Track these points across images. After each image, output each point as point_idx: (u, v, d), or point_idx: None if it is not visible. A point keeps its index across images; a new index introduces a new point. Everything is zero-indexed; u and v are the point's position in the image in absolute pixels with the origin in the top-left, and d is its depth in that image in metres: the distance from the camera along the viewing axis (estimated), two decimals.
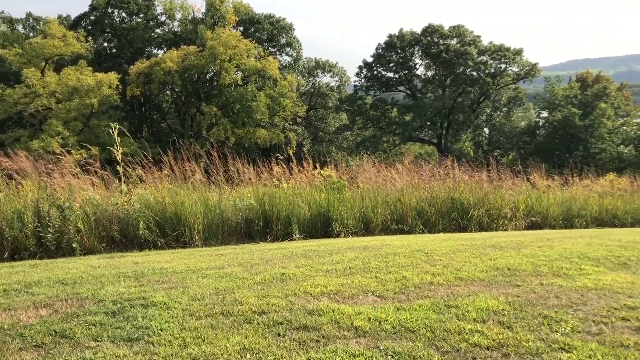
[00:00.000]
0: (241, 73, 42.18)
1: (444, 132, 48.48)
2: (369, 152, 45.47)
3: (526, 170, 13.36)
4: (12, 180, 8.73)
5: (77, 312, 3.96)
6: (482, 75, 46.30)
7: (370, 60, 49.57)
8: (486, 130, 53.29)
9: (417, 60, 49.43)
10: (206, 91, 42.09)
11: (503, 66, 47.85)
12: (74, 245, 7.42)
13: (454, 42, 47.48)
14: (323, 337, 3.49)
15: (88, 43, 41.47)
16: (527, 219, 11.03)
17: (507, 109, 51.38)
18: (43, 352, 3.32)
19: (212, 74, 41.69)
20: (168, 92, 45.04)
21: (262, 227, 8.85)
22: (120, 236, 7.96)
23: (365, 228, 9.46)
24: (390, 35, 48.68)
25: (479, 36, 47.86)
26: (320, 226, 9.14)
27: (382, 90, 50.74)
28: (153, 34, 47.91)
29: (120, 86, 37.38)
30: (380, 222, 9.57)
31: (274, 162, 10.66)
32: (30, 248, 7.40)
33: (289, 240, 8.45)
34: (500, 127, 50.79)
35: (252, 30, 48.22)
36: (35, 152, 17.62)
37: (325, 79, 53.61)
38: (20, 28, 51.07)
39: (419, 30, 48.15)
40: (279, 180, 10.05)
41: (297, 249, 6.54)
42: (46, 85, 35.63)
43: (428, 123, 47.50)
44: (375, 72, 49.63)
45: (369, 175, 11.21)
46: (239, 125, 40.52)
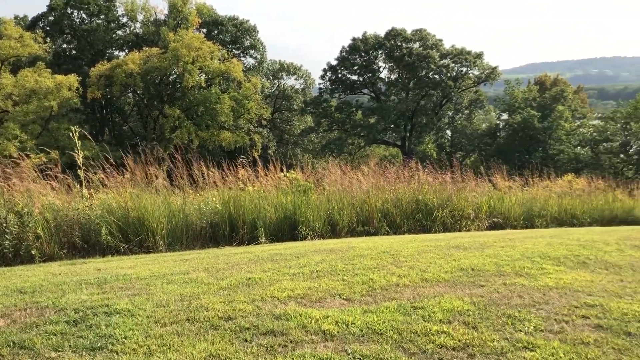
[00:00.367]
0: (205, 75, 41.81)
1: (408, 134, 49.02)
2: (335, 154, 45.67)
3: (488, 171, 13.61)
4: None
5: (37, 321, 3.84)
6: (444, 78, 47.03)
7: (334, 63, 49.82)
8: (448, 132, 54.15)
9: (381, 64, 49.93)
10: (169, 93, 41.55)
11: (464, 69, 48.76)
12: (33, 252, 7.20)
13: (416, 45, 48.10)
14: (291, 341, 3.48)
15: (46, 44, 40.39)
16: (490, 220, 11.24)
17: (468, 112, 52.36)
18: None
19: (175, 76, 41.19)
20: (130, 94, 44.30)
21: (227, 231, 8.77)
22: (81, 242, 7.77)
23: (332, 230, 9.48)
24: (354, 39, 49.02)
25: (440, 40, 48.63)
26: (287, 229, 9.11)
27: (347, 93, 51.03)
28: (114, 35, 47.03)
29: (80, 88, 36.56)
30: (346, 224, 9.61)
31: (239, 165, 10.58)
32: None
33: (255, 244, 8.40)
34: (462, 129, 51.68)
35: (216, 32, 47.85)
36: None
37: (290, 82, 53.68)
38: None
39: (382, 34, 48.68)
40: (244, 184, 9.98)
41: (263, 253, 6.50)
42: (2, 87, 34.57)
43: (392, 125, 47.98)
44: (340, 75, 49.87)
45: (335, 177, 11.25)
46: (203, 127, 40.13)
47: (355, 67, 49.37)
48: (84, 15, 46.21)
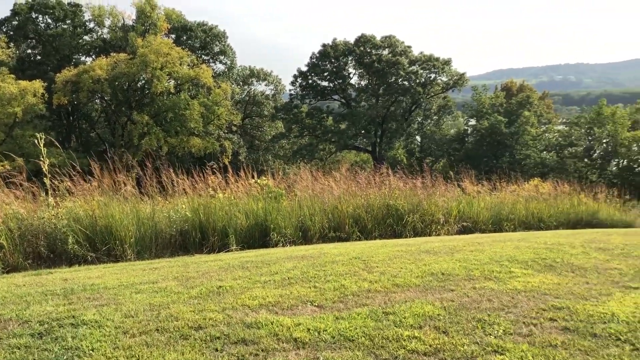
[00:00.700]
0: (174, 81, 41.44)
1: (378, 140, 49.37)
2: (306, 160, 45.69)
3: (457, 176, 13.77)
4: None
5: (0, 335, 3.73)
6: (413, 84, 47.55)
7: (305, 69, 49.92)
8: (418, 138, 54.77)
9: (351, 70, 50.19)
10: (137, 100, 41.01)
11: (433, 76, 49.39)
12: None
13: (385, 52, 48.54)
14: (262, 350, 3.45)
15: (10, 49, 39.49)
16: (459, 224, 11.37)
17: (437, 117, 53.04)
18: None
19: (143, 82, 40.69)
20: (97, 100, 43.57)
21: (197, 238, 8.68)
22: (47, 252, 7.59)
23: (304, 237, 9.46)
24: (324, 45, 49.20)
25: (409, 46, 49.19)
26: (258, 236, 9.06)
27: (318, 99, 51.14)
28: (81, 40, 46.22)
29: (46, 95, 35.81)
30: (318, 230, 9.60)
31: (209, 172, 10.48)
32: None
33: (226, 252, 8.33)
34: (431, 135, 52.34)
35: (185, 37, 47.48)
36: None
37: (261, 87, 53.55)
38: None
39: (352, 40, 49.00)
40: (214, 190, 9.89)
41: (234, 261, 6.45)
42: None
43: (362, 131, 48.25)
44: (310, 81, 49.96)
45: (307, 183, 11.24)
46: (172, 134, 39.70)
47: (326, 74, 49.54)
48: (49, 20, 45.35)
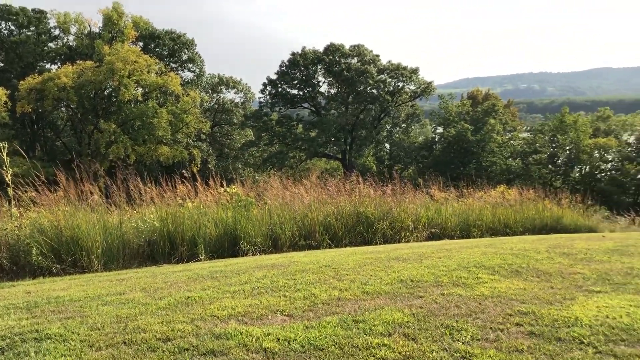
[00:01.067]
0: (141, 89, 40.94)
1: (348, 147, 49.65)
2: (276, 168, 45.62)
3: (425, 183, 13.92)
4: None
5: None
6: (381, 93, 48.05)
7: (274, 77, 49.94)
8: (387, 145, 55.28)
9: (320, 78, 50.50)
10: (104, 108, 40.37)
11: (401, 84, 50.04)
12: None
13: (354, 61, 48.97)
14: None
15: None
16: (428, 230, 11.48)
17: (405, 125, 53.70)
18: None
19: (110, 90, 40.10)
20: (63, 108, 42.72)
21: (166, 248, 8.57)
22: (10, 264, 7.40)
23: (274, 245, 9.42)
24: (293, 53, 49.37)
25: (378, 55, 49.74)
26: (228, 245, 8.99)
27: (287, 107, 51.23)
28: (46, 48, 45.35)
29: (9, 102, 35.00)
30: (288, 238, 9.58)
31: (178, 181, 10.37)
32: None
33: (195, 261, 8.24)
34: (400, 142, 52.91)
35: (153, 45, 47.05)
36: None
37: (230, 95, 53.34)
38: None
39: (321, 49, 49.28)
40: (183, 199, 9.79)
41: (203, 270, 6.39)
42: None
43: (332, 139, 48.47)
44: (280, 89, 50.03)
45: (277, 191, 11.21)
46: (140, 142, 39.17)
47: (295, 82, 49.69)
48: (12, 27, 44.40)
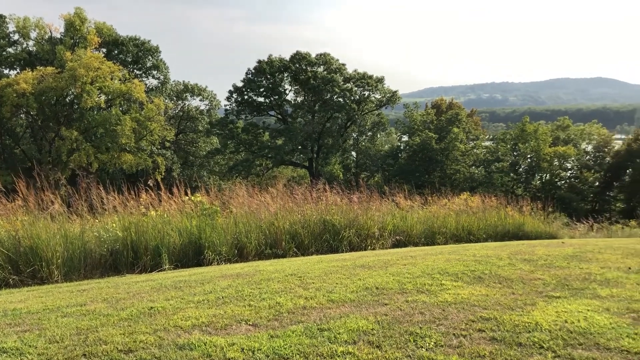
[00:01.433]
0: (104, 96, 40.18)
1: (315, 155, 49.75)
2: (242, 176, 45.36)
3: (391, 191, 14.04)
4: None
5: None
6: (348, 101, 48.37)
7: (240, 85, 49.73)
8: (354, 153, 55.61)
9: (287, 86, 50.53)
10: (66, 115, 39.47)
11: (367, 93, 50.53)
12: None
13: (320, 69, 49.20)
14: None
15: None
16: (394, 238, 11.57)
17: (371, 134, 54.15)
18: None
19: (72, 96, 39.21)
20: (22, 115, 41.57)
21: (129, 258, 8.41)
22: None
23: (239, 254, 9.35)
24: (259, 61, 49.28)
25: (344, 64, 50.11)
26: (192, 254, 8.88)
27: (254, 115, 51.06)
28: (4, 53, 44.12)
29: None
30: (254, 247, 9.52)
31: (141, 189, 10.21)
32: None
33: (159, 271, 8.11)
34: (366, 151, 53.31)
35: (117, 52, 46.34)
36: None
37: (195, 103, 52.86)
38: None
39: (287, 57, 49.35)
40: (146, 208, 9.64)
41: (166, 280, 6.30)
42: None
43: (299, 147, 48.51)
44: (246, 97, 49.85)
45: (242, 199, 11.14)
46: (103, 150, 38.42)
47: (262, 89, 49.59)
48: None
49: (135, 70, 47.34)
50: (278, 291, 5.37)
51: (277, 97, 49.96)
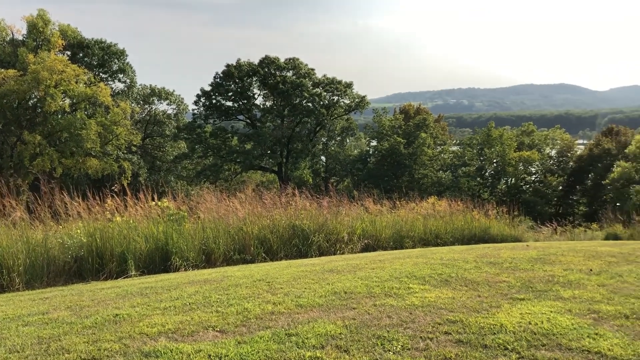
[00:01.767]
0: (69, 100, 39.38)
1: (284, 160, 49.64)
2: (210, 181, 44.95)
3: (360, 195, 14.11)
4: None
5: None
6: (317, 106, 48.43)
7: (208, 89, 49.32)
8: (323, 158, 55.71)
9: (256, 90, 50.30)
10: (29, 119, 38.51)
11: (336, 98, 50.66)
12: None
13: (289, 74, 49.19)
14: None
15: None
16: (363, 242, 11.63)
17: (340, 138, 54.33)
18: None
19: (35, 100, 38.31)
20: None
21: (94, 265, 8.25)
22: None
23: (207, 260, 9.26)
24: (228, 65, 48.97)
25: (313, 69, 50.19)
26: (159, 261, 8.76)
27: (222, 119, 50.65)
28: None
29: None
30: (222, 253, 9.45)
31: (107, 194, 10.03)
32: None
33: (125, 278, 7.98)
34: (336, 155, 53.48)
35: (82, 55, 45.45)
36: None
37: (162, 107, 52.18)
38: None
39: (256, 61, 49.18)
40: (112, 214, 9.47)
41: (132, 287, 6.19)
42: None
43: (268, 151, 48.34)
44: (214, 101, 49.45)
45: (210, 205, 11.05)
46: (67, 155, 37.60)
47: (230, 94, 49.27)
48: None
49: (101, 74, 46.53)
50: (246, 297, 5.34)
51: (245, 101, 49.72)
